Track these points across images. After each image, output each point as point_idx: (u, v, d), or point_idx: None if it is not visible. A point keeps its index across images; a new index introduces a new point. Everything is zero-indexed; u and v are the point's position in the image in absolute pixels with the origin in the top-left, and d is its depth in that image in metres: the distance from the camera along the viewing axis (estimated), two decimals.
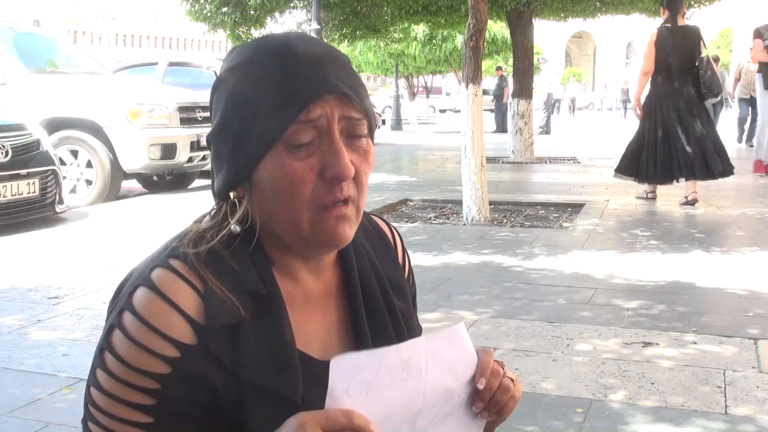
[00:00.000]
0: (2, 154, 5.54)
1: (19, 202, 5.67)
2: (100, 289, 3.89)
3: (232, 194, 0.89)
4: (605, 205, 6.76)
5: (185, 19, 11.63)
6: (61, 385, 2.61)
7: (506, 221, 6.10)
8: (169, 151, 7.73)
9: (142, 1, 77.14)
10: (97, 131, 7.44)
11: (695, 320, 3.32)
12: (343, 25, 12.79)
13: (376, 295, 0.98)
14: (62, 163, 6.95)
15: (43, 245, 5.16)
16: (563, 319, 3.35)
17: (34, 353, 2.94)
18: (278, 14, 12.01)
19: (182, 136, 7.85)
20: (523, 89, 11.09)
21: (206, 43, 75.15)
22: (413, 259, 4.61)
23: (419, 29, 21.71)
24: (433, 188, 8.12)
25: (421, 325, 1.09)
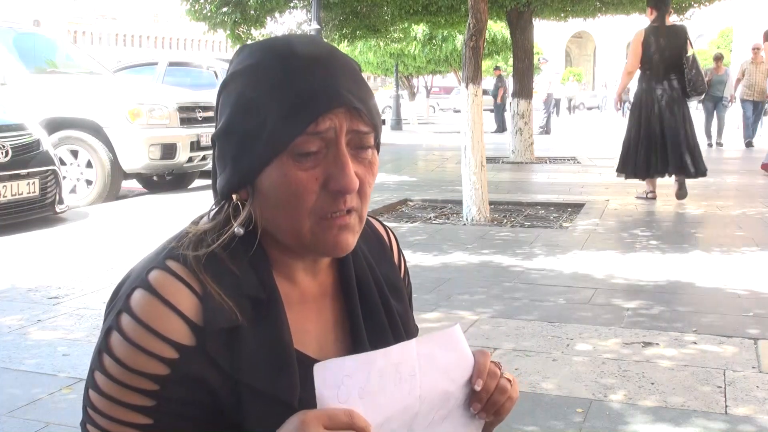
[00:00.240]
0: (2, 154, 5.54)
1: (19, 202, 5.67)
2: (100, 289, 3.89)
3: (234, 196, 0.89)
4: (605, 205, 6.77)
5: (185, 19, 11.63)
6: (61, 385, 2.61)
7: (506, 221, 6.10)
8: (169, 151, 7.73)
9: (142, 1, 77.13)
10: (97, 131, 7.44)
11: (695, 320, 3.32)
12: (343, 25, 12.79)
13: (373, 296, 0.98)
14: (62, 163, 6.96)
15: (43, 245, 5.16)
16: (563, 319, 3.35)
17: (34, 353, 2.94)
18: (278, 14, 12.01)
19: (182, 136, 7.85)
20: (523, 89, 11.09)
21: (206, 43, 75.15)
22: (413, 259, 4.62)
23: (419, 29, 21.71)
24: (433, 188, 8.12)
25: (417, 326, 1.09)
